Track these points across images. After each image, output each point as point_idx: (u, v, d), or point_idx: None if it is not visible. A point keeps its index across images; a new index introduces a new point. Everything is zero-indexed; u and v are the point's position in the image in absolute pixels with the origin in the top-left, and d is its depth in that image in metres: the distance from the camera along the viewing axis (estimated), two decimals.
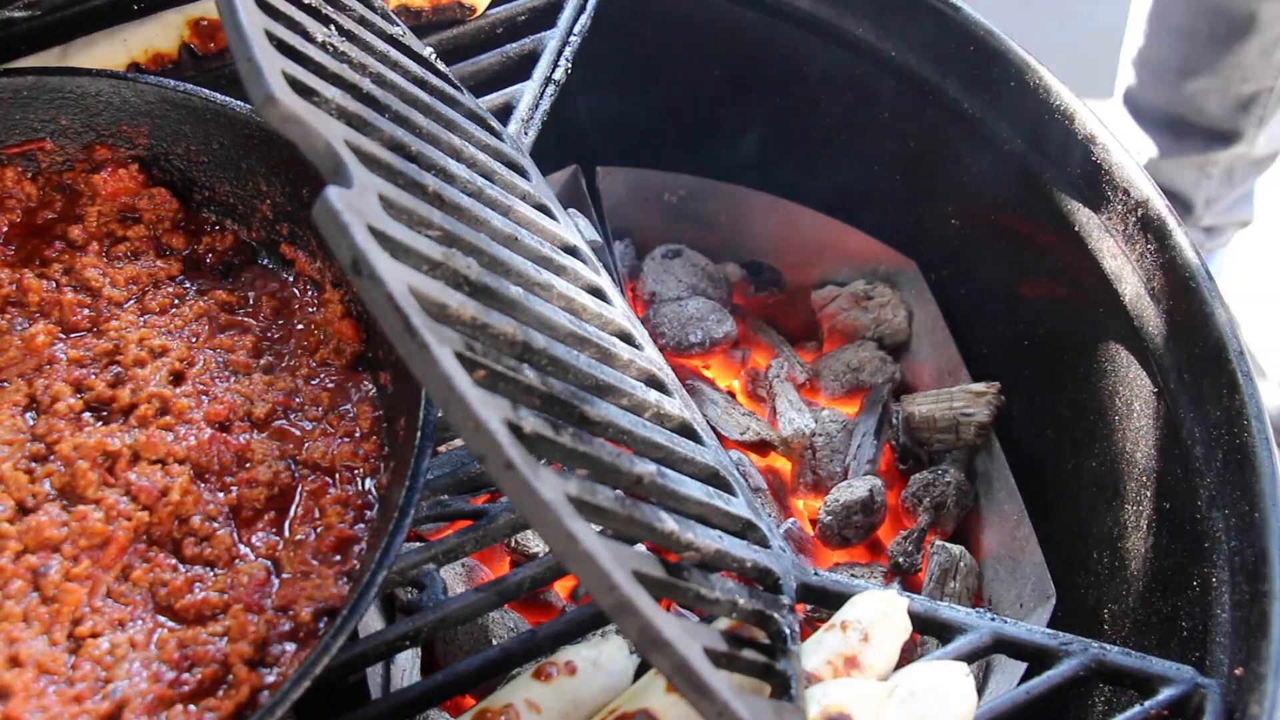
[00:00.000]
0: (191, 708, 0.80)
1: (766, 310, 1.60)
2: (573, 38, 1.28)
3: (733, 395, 1.46)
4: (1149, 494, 1.14)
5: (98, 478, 0.88)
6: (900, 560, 1.30)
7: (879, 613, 0.85)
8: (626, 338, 0.91)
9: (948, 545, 1.30)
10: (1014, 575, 1.28)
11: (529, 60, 1.25)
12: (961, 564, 1.29)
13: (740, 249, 1.62)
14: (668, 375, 0.91)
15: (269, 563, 0.88)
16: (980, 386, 1.38)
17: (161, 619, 0.84)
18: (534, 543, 1.24)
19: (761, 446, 1.39)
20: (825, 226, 1.55)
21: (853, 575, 1.27)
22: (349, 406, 0.97)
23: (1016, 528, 1.29)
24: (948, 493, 1.34)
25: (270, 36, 0.72)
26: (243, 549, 0.88)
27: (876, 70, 1.43)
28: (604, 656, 0.86)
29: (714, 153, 1.61)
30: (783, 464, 1.42)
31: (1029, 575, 1.25)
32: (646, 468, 0.71)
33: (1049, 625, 1.15)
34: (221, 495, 0.90)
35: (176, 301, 1.02)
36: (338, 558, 0.88)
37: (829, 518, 1.32)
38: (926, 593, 1.28)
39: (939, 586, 1.28)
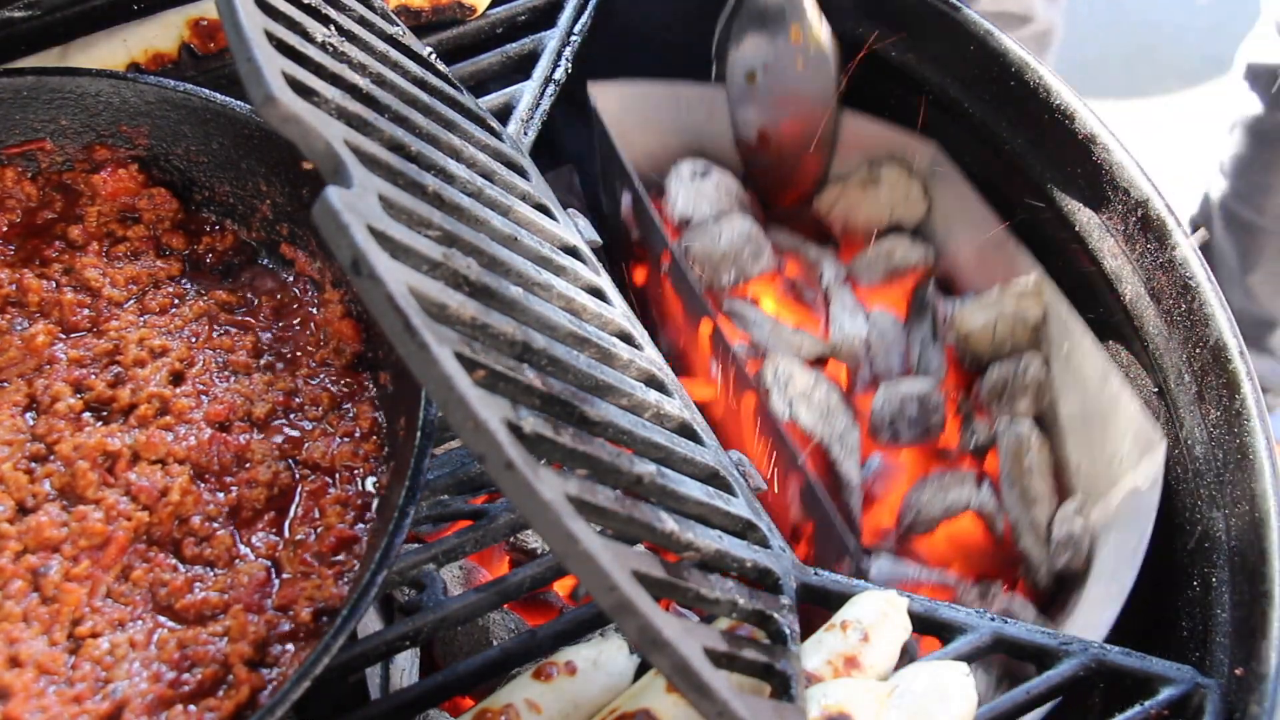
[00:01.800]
0: (191, 708, 0.80)
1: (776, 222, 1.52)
2: (573, 38, 1.28)
3: (775, 317, 1.39)
4: None
5: (98, 478, 0.88)
6: (974, 441, 1.25)
7: (879, 613, 0.85)
8: (626, 338, 0.91)
9: (1016, 421, 1.24)
10: (1107, 435, 1.21)
11: (529, 60, 1.25)
12: (1033, 438, 1.24)
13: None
14: (668, 375, 0.91)
15: (269, 563, 0.88)
16: (1024, 283, 1.31)
17: (161, 619, 0.84)
18: (532, 539, 1.24)
19: (819, 362, 1.34)
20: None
21: (938, 481, 1.25)
22: (349, 406, 0.97)
23: (1102, 386, 1.21)
24: (1027, 387, 1.27)
25: (270, 36, 0.72)
26: (243, 549, 0.88)
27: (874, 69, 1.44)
28: (604, 656, 0.86)
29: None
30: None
31: (1125, 429, 1.18)
32: (646, 468, 0.71)
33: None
34: (221, 495, 0.90)
35: (176, 301, 1.02)
36: (338, 558, 0.88)
37: (881, 404, 1.26)
38: (1005, 475, 1.23)
39: (1015, 464, 1.23)
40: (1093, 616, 1.10)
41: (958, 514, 1.23)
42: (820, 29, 1.37)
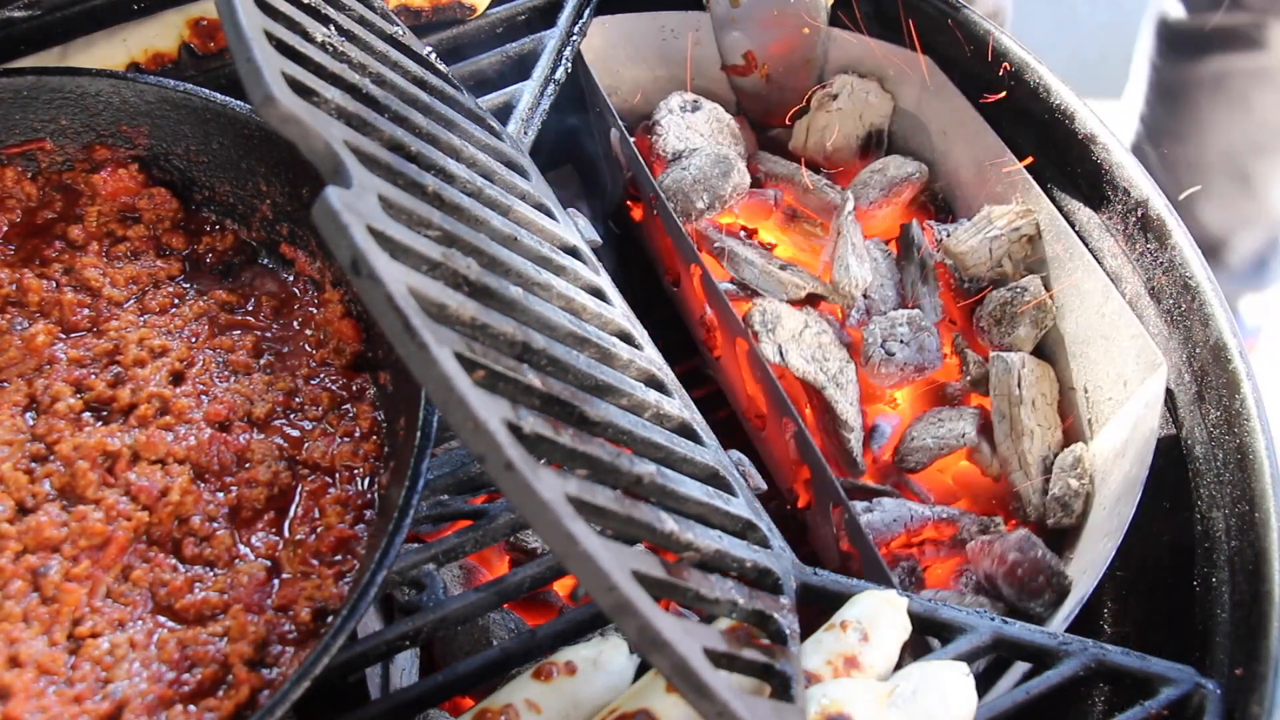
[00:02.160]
0: (191, 708, 0.80)
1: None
2: (573, 37, 1.28)
3: (769, 248, 1.36)
4: (1149, 494, 1.14)
5: (98, 478, 0.88)
6: (970, 375, 1.24)
7: (878, 612, 0.85)
8: (626, 338, 0.91)
9: (1003, 355, 1.23)
10: (1109, 354, 1.19)
11: (529, 60, 1.25)
12: (1026, 371, 1.22)
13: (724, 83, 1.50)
14: (667, 375, 0.91)
15: (269, 563, 0.88)
16: (1009, 209, 1.29)
17: (161, 619, 0.84)
18: (532, 539, 1.24)
19: (810, 300, 1.31)
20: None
21: (937, 421, 1.23)
22: (349, 406, 0.97)
23: (1103, 304, 1.19)
24: (1026, 311, 1.25)
25: (270, 37, 0.72)
26: (243, 549, 0.88)
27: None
28: (604, 656, 0.86)
29: None
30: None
31: (1128, 349, 1.16)
32: (646, 468, 0.71)
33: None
34: (221, 495, 0.90)
35: (176, 301, 1.02)
36: (338, 558, 0.88)
37: (873, 326, 1.24)
38: (995, 410, 1.22)
39: (1004, 398, 1.21)
40: (1091, 550, 1.09)
41: (951, 450, 1.22)
42: None
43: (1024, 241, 1.28)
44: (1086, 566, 1.08)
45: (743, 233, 1.39)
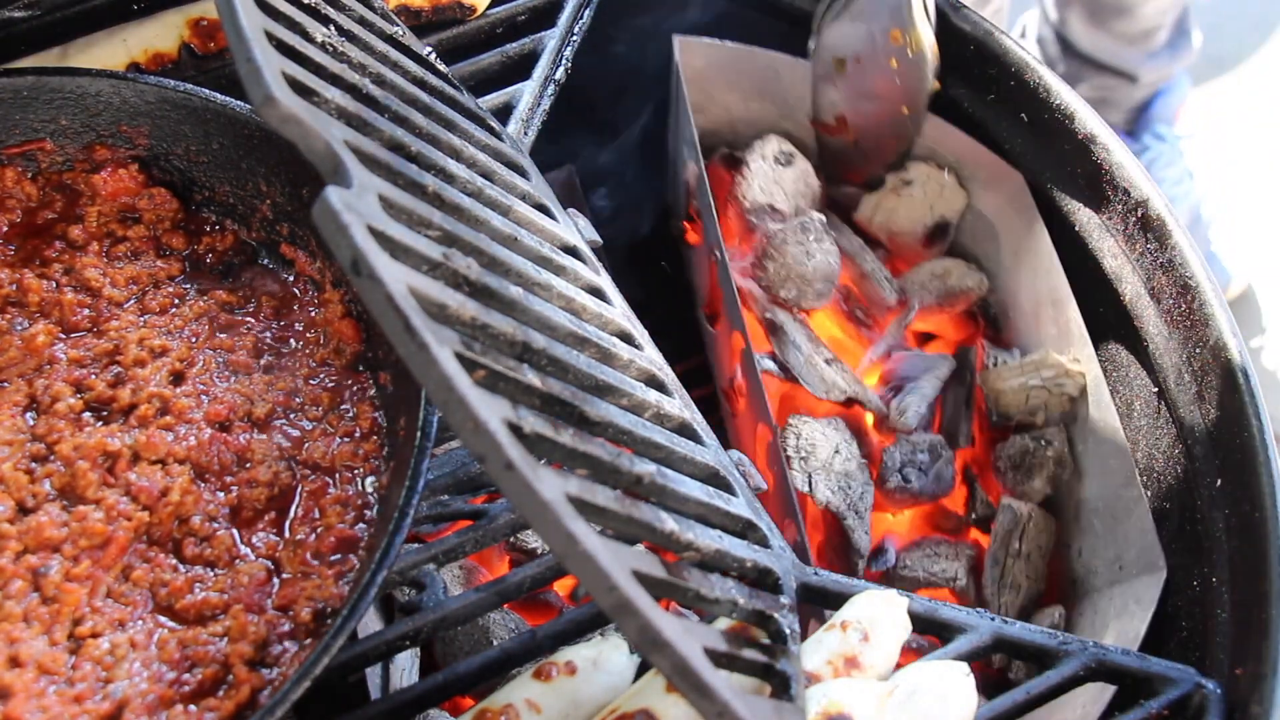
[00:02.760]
0: (192, 708, 0.80)
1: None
2: (573, 37, 1.28)
3: (814, 341, 1.33)
4: (1149, 494, 1.14)
5: (98, 478, 0.88)
6: (976, 511, 1.24)
7: (879, 612, 0.85)
8: (626, 338, 0.91)
9: (1014, 504, 1.23)
10: (1113, 534, 1.19)
11: (529, 60, 1.25)
12: (1030, 525, 1.22)
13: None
14: (668, 375, 0.91)
15: (269, 563, 0.88)
16: (1068, 361, 1.26)
17: (162, 619, 0.84)
18: (532, 539, 1.24)
19: (848, 404, 1.30)
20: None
21: (933, 554, 1.23)
22: (349, 406, 0.97)
23: (1123, 487, 1.18)
24: (1045, 464, 1.24)
25: (270, 37, 0.72)
26: (243, 549, 0.88)
27: None
28: (604, 656, 0.86)
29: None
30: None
31: (1133, 540, 1.14)
32: (646, 468, 0.71)
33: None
34: (221, 495, 0.90)
35: (176, 301, 1.02)
36: (338, 558, 0.88)
37: (893, 449, 1.24)
38: (990, 554, 1.22)
39: (1003, 547, 1.22)
40: None
41: (937, 587, 1.23)
42: (925, 34, 1.31)
43: (1064, 399, 1.27)
44: None
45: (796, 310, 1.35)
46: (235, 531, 0.89)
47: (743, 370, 1.27)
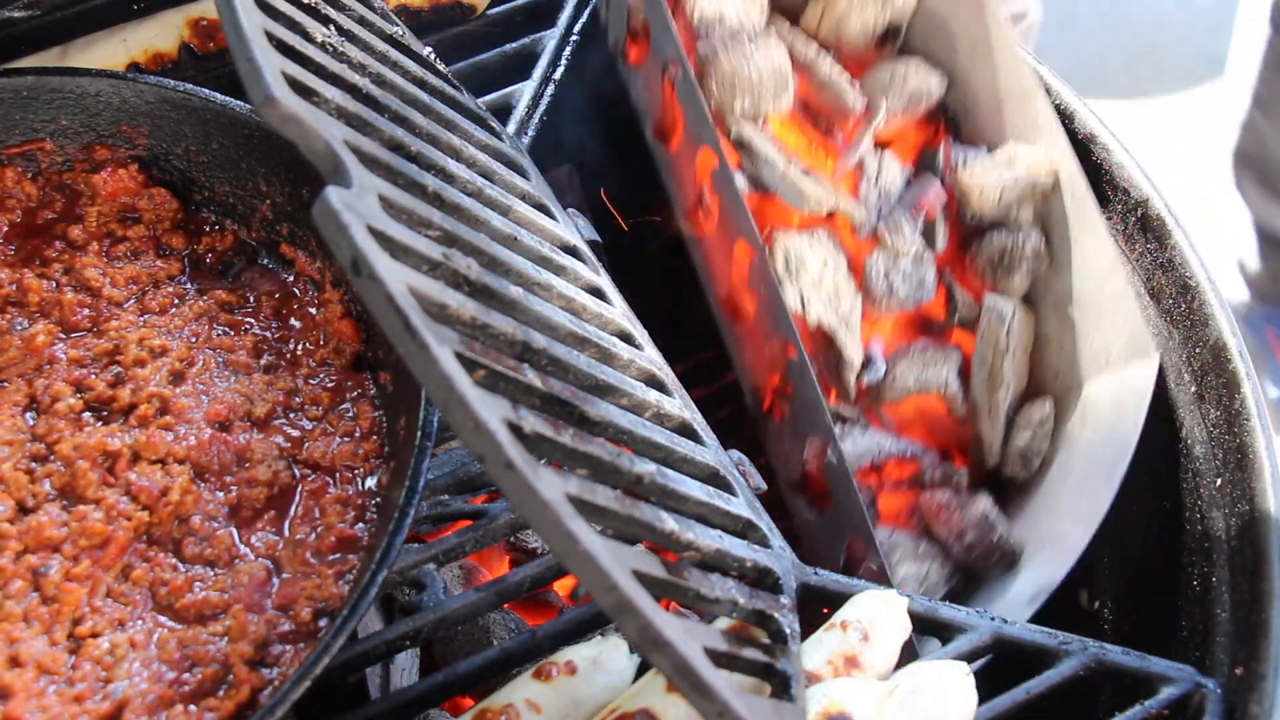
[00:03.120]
0: (192, 708, 0.80)
1: None
2: (573, 37, 1.28)
3: (788, 156, 1.23)
4: (1149, 494, 1.14)
5: (98, 478, 0.88)
6: (959, 314, 1.21)
7: (879, 612, 0.85)
8: (626, 338, 0.91)
9: (999, 300, 1.20)
10: (1098, 326, 1.16)
11: (529, 59, 1.25)
12: (1014, 319, 1.19)
13: None
14: (668, 375, 0.91)
15: (269, 563, 0.88)
16: (1033, 153, 1.22)
17: (162, 619, 0.84)
18: (532, 539, 1.24)
19: (827, 218, 1.23)
20: None
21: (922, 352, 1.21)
22: (349, 406, 0.97)
23: (1105, 278, 1.15)
24: (1024, 259, 1.21)
25: (270, 36, 0.72)
26: (243, 549, 0.88)
27: None
28: (604, 656, 0.86)
29: None
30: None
31: (1120, 327, 1.13)
32: (646, 467, 0.71)
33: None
34: (221, 495, 0.90)
35: (176, 301, 1.02)
36: (337, 557, 0.88)
37: (877, 257, 1.20)
38: (977, 354, 1.20)
39: (990, 345, 1.19)
40: (1051, 523, 1.10)
41: (928, 393, 1.19)
42: None
43: (1038, 194, 1.23)
44: (1046, 543, 1.08)
45: (763, 125, 1.26)
46: (235, 531, 0.89)
47: (712, 188, 1.19)
